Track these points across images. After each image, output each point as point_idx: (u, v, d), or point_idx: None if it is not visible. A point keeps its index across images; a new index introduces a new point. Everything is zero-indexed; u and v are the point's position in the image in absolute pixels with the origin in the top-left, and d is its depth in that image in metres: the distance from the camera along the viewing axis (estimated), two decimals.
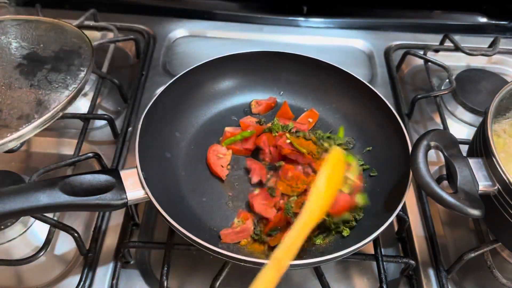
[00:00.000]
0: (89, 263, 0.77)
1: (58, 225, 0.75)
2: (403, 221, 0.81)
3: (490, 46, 1.20)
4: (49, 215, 0.77)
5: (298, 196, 0.80)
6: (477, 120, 1.05)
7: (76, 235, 0.74)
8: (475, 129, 0.79)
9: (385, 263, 0.75)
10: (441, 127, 0.98)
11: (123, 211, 0.84)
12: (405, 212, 0.85)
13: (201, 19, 1.28)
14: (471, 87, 1.09)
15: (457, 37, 1.17)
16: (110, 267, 0.78)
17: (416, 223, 0.85)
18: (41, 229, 0.82)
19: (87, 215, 0.85)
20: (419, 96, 1.03)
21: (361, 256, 0.77)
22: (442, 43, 1.20)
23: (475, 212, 0.63)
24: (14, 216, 0.74)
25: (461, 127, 1.06)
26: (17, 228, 0.81)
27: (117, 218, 0.83)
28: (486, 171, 0.69)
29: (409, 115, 1.05)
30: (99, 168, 0.89)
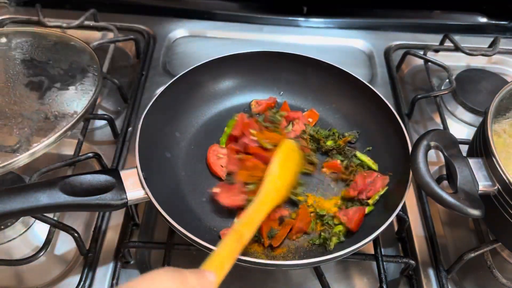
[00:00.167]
0: (89, 263, 0.77)
1: (58, 225, 0.75)
2: (403, 221, 0.81)
3: (490, 46, 1.20)
4: (49, 215, 0.77)
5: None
6: (477, 120, 1.05)
7: (76, 235, 0.74)
8: (475, 129, 0.79)
9: (385, 263, 0.75)
10: (441, 127, 0.98)
11: (123, 211, 0.84)
12: (405, 212, 0.85)
13: (201, 19, 1.28)
14: (471, 87, 1.10)
15: (457, 37, 1.17)
16: (110, 267, 0.78)
17: (416, 223, 0.85)
18: (41, 229, 0.82)
19: (87, 215, 0.85)
20: (419, 96, 1.03)
21: (361, 256, 0.77)
22: (442, 43, 1.20)
23: (475, 212, 0.63)
24: (14, 216, 0.74)
25: (461, 127, 1.06)
26: (17, 228, 0.81)
27: (117, 218, 0.83)
28: (486, 171, 0.69)
29: (409, 115, 1.05)
30: (99, 168, 0.89)
